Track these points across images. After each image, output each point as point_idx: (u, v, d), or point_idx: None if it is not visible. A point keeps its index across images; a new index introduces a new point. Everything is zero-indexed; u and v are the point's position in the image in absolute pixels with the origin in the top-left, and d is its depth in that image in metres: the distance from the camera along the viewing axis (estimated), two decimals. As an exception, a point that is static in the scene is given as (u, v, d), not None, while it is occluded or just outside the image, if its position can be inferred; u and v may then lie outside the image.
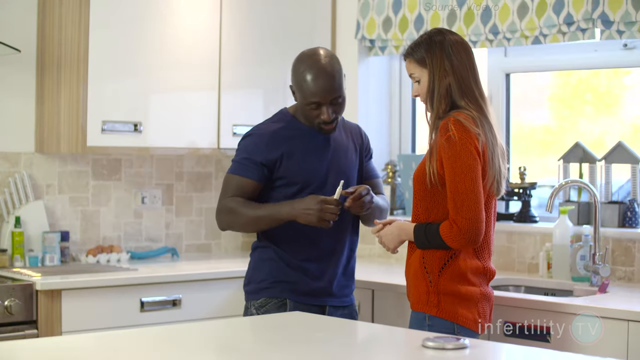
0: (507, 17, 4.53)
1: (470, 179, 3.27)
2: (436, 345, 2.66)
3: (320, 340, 2.79)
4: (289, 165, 3.62)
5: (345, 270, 3.73)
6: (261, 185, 3.62)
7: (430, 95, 3.40)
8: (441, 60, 3.39)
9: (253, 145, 3.62)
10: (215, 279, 4.52)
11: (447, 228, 3.29)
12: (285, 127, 3.66)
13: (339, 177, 3.66)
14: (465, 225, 3.25)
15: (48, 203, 4.73)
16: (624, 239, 4.23)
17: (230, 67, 4.88)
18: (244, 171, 3.61)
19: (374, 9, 5.06)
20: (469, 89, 3.39)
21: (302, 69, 3.58)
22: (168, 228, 5.14)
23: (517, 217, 4.64)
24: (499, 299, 3.79)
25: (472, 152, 3.27)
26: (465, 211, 3.26)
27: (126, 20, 4.56)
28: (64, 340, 2.98)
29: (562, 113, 4.90)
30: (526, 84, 4.98)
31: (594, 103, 4.77)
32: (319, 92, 3.56)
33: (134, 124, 4.59)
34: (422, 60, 3.41)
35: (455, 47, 3.42)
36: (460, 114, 3.34)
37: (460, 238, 3.27)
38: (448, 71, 3.38)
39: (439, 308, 3.33)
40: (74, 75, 4.48)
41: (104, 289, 4.21)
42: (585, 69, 4.73)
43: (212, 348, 2.74)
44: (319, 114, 3.59)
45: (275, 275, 3.64)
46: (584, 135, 4.71)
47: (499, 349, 2.76)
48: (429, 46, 3.42)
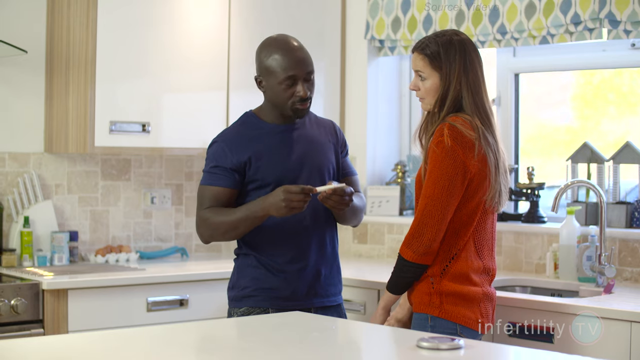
0: (514, 17, 4.52)
1: (441, 187, 3.26)
2: (430, 345, 2.65)
3: (315, 340, 2.79)
4: (258, 166, 3.56)
5: (330, 269, 3.68)
6: (236, 191, 3.57)
7: (441, 102, 3.35)
8: (459, 69, 3.32)
9: (220, 152, 3.57)
10: (222, 279, 4.52)
11: (407, 243, 3.32)
12: (250, 128, 3.61)
13: (314, 174, 3.61)
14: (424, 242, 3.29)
15: (57, 203, 4.76)
16: (630, 239, 4.20)
17: (239, 67, 4.89)
18: (215, 180, 3.56)
19: (383, 9, 5.06)
20: (480, 102, 3.34)
21: (270, 50, 3.54)
22: (178, 228, 5.15)
23: (525, 217, 4.63)
24: (502, 299, 3.78)
25: (457, 163, 3.25)
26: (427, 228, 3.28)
27: (133, 21, 4.58)
28: (68, 338, 2.99)
29: (585, 113, 4.87)
30: (548, 84, 4.95)
31: (616, 103, 4.74)
32: (294, 65, 3.50)
33: (142, 125, 4.61)
34: (437, 62, 3.34)
35: (472, 54, 3.36)
36: (458, 118, 3.30)
37: (414, 251, 3.30)
38: (463, 82, 3.32)
39: (441, 309, 3.32)
40: (82, 76, 4.50)
41: (110, 288, 4.23)
42: (593, 69, 4.71)
43: (203, 347, 2.74)
44: (294, 92, 3.52)
45: (256, 282, 3.59)
46: (606, 135, 4.67)
47: (493, 350, 2.75)
48: (448, 49, 3.34)
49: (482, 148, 3.28)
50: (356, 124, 5.16)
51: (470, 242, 3.35)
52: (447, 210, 3.28)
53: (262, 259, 3.60)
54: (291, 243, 3.60)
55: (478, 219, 3.35)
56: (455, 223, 3.33)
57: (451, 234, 3.33)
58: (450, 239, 3.33)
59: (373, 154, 5.23)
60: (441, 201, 3.27)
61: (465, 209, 3.32)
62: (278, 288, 3.58)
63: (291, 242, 3.60)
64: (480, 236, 3.37)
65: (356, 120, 5.17)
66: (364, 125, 5.19)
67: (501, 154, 3.36)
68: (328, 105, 5.19)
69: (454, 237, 3.33)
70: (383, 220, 5.03)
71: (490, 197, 3.32)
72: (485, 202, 3.32)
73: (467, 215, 3.33)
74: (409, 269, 3.34)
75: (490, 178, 3.31)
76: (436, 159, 3.28)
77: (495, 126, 3.37)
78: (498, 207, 3.37)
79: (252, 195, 3.58)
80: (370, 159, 5.21)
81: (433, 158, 3.29)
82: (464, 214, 3.33)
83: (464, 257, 3.34)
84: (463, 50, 3.34)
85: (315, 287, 3.63)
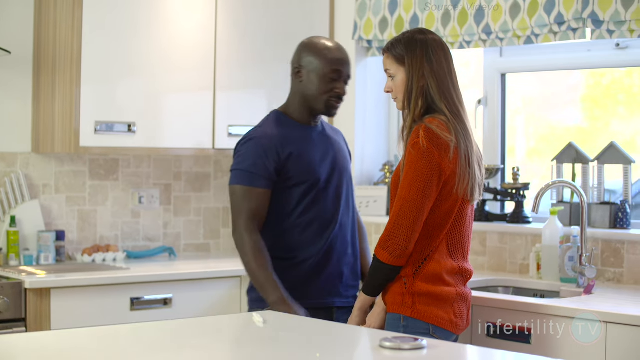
0: (499, 17, 4.51)
1: (417, 189, 3.27)
2: (393, 345, 2.65)
3: (279, 339, 2.80)
4: (295, 166, 3.57)
5: (352, 270, 3.73)
6: (270, 191, 3.55)
7: (408, 96, 3.39)
8: (421, 60, 3.37)
9: (260, 150, 3.54)
10: (207, 279, 4.54)
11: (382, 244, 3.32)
12: (287, 127, 3.63)
13: (342, 178, 3.68)
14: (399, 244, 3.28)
15: (44, 203, 4.78)
16: (613, 240, 4.19)
17: (226, 68, 4.90)
18: (255, 180, 3.52)
19: (371, 9, 5.06)
20: (447, 92, 3.36)
21: (321, 42, 3.64)
22: (166, 228, 5.17)
23: (510, 217, 4.62)
24: (481, 299, 3.78)
25: (432, 166, 3.26)
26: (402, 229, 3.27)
27: (119, 22, 4.60)
28: (48, 335, 3.00)
29: (595, 113, 4.85)
30: (557, 84, 4.93)
31: (626, 103, 4.73)
32: (342, 62, 3.64)
33: (128, 125, 4.62)
34: (401, 57, 3.40)
35: (436, 49, 3.40)
36: (434, 120, 3.32)
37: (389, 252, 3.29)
38: (427, 72, 3.36)
39: (413, 309, 3.32)
40: (68, 77, 4.52)
41: (94, 287, 4.24)
42: (578, 69, 4.71)
43: (168, 347, 2.75)
44: (334, 87, 3.62)
45: (281, 280, 3.55)
46: (616, 136, 4.65)
47: (456, 350, 2.75)
48: (410, 45, 3.40)
49: (458, 150, 3.29)
50: (344, 124, 5.15)
51: (443, 244, 3.35)
52: (421, 212, 3.28)
53: (288, 256, 3.60)
54: (317, 244, 3.62)
55: (452, 221, 3.35)
56: (429, 225, 3.33)
57: (425, 235, 3.33)
58: (424, 240, 3.33)
59: (361, 154, 5.23)
60: (416, 203, 3.27)
61: (439, 210, 3.32)
62: (305, 283, 3.60)
63: (317, 243, 3.61)
64: (455, 238, 3.37)
65: (344, 120, 5.17)
66: (352, 125, 5.20)
67: (474, 145, 3.37)
68: (316, 106, 5.18)
69: (427, 238, 3.33)
70: (371, 220, 5.02)
71: (462, 187, 3.32)
72: (458, 192, 3.32)
73: (440, 217, 3.33)
74: (384, 270, 3.35)
75: (461, 167, 3.31)
76: (412, 160, 3.29)
77: (466, 117, 3.38)
78: (471, 198, 3.37)
79: (286, 193, 3.55)
80: (359, 159, 5.21)
81: (409, 159, 3.30)
82: (438, 216, 3.32)
83: (436, 258, 3.34)
84: (425, 44, 3.39)
85: (338, 288, 3.67)
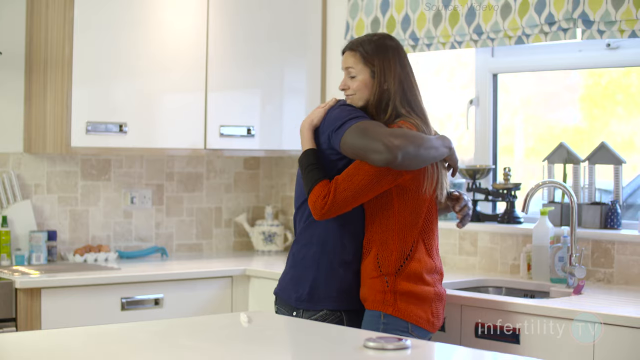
0: (490, 17, 4.51)
1: (366, 173, 3.31)
2: (377, 345, 2.66)
3: (263, 338, 2.80)
4: None
5: None
6: None
7: (378, 98, 3.45)
8: (394, 65, 3.45)
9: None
10: (199, 279, 4.55)
11: (320, 195, 3.32)
12: None
13: None
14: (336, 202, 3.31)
15: (36, 203, 4.78)
16: (603, 240, 4.19)
17: (218, 68, 4.90)
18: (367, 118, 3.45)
19: (363, 9, 5.06)
20: (413, 97, 3.46)
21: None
22: (158, 228, 5.17)
23: (501, 218, 4.62)
24: (470, 300, 3.79)
25: None
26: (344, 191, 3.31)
27: (111, 23, 4.60)
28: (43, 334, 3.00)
29: (593, 113, 4.85)
30: (556, 84, 4.93)
31: (625, 104, 4.72)
32: None
33: (119, 125, 4.62)
34: (370, 59, 3.45)
35: (404, 56, 3.51)
36: (405, 122, 3.40)
37: (324, 211, 3.33)
38: (398, 77, 3.45)
39: (394, 307, 3.39)
40: (59, 77, 4.53)
41: (84, 287, 4.25)
42: (569, 69, 4.71)
43: (158, 347, 2.75)
44: None
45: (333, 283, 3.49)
46: (614, 136, 4.65)
47: (439, 350, 2.76)
48: (381, 48, 3.47)
49: None
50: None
51: (420, 243, 3.43)
52: (364, 195, 3.34)
53: (333, 256, 3.50)
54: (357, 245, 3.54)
55: (424, 220, 3.43)
56: (401, 224, 3.41)
57: (400, 235, 3.40)
58: (400, 240, 3.41)
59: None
60: (359, 187, 3.32)
61: (407, 208, 3.40)
62: (351, 283, 3.51)
63: (357, 244, 3.53)
64: (429, 237, 3.46)
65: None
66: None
67: None
68: (309, 105, 5.19)
69: (403, 238, 3.41)
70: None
71: (430, 188, 3.40)
72: (427, 192, 3.40)
73: (410, 214, 3.41)
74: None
75: (429, 168, 3.39)
76: None
77: (429, 122, 3.48)
78: (440, 197, 3.46)
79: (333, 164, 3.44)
80: (351, 159, 5.21)
81: None
82: (408, 214, 3.41)
83: (417, 257, 3.42)
84: (397, 50, 3.48)
85: None
